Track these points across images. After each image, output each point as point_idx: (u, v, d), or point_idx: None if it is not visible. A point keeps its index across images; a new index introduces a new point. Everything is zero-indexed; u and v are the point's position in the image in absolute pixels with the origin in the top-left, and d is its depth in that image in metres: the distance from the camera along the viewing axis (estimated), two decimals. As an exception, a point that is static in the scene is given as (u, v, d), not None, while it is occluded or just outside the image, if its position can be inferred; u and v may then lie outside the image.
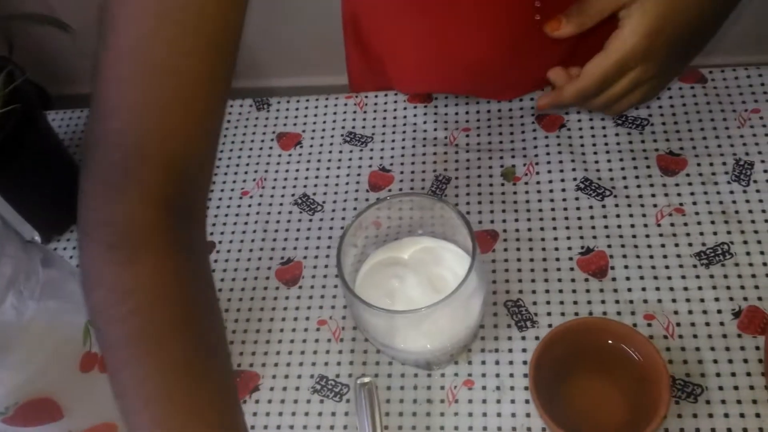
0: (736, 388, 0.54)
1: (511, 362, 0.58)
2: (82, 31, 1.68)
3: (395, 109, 0.77)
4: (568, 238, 0.64)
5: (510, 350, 0.59)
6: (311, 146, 0.76)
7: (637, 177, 0.67)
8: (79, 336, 0.51)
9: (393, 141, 0.75)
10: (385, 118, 0.77)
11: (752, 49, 1.57)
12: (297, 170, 0.74)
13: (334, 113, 0.78)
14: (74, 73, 1.90)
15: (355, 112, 0.78)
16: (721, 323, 0.57)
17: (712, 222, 0.63)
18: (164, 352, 0.40)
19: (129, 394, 0.40)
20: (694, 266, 0.61)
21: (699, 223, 0.63)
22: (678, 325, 0.58)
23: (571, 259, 0.63)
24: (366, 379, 0.55)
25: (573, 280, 0.62)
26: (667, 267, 0.61)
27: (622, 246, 0.63)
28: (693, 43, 0.56)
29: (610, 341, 0.52)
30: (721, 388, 0.55)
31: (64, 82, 1.94)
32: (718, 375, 0.55)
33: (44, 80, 1.93)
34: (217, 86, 0.45)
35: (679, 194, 0.65)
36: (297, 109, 0.79)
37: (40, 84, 1.92)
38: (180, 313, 0.41)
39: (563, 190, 0.67)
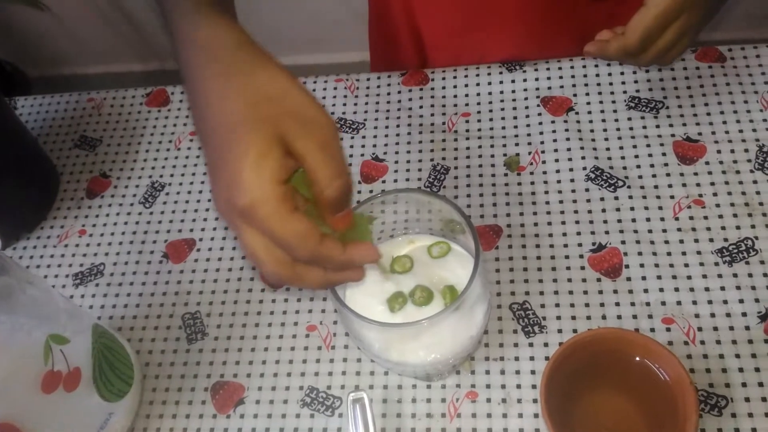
0: (764, 399, 0.50)
1: (517, 372, 0.54)
2: (64, 13, 1.61)
3: (389, 93, 0.71)
4: (578, 233, 0.59)
5: (516, 358, 0.54)
6: (298, 134, 0.70)
7: (652, 165, 0.61)
8: (39, 353, 0.46)
9: (387, 127, 0.69)
10: (378, 103, 0.71)
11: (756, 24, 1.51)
12: (283, 160, 0.69)
13: (323, 97, 0.72)
14: (55, 54, 1.83)
15: (345, 96, 0.72)
16: (747, 327, 0.53)
17: (735, 215, 0.58)
18: None
19: None
20: (716, 264, 0.56)
21: (720, 216, 0.58)
22: (699, 329, 0.53)
23: (581, 256, 0.58)
24: (359, 395, 0.50)
25: (584, 280, 0.57)
26: (686, 265, 0.56)
27: (637, 242, 0.58)
28: None
29: (628, 354, 0.47)
30: (747, 399, 0.50)
31: (45, 64, 1.87)
32: (744, 385, 0.50)
33: (24, 63, 1.86)
34: None
35: (698, 184, 0.60)
36: (283, 93, 0.73)
37: (18, 66, 1.85)
38: None
39: (572, 180, 0.62)
